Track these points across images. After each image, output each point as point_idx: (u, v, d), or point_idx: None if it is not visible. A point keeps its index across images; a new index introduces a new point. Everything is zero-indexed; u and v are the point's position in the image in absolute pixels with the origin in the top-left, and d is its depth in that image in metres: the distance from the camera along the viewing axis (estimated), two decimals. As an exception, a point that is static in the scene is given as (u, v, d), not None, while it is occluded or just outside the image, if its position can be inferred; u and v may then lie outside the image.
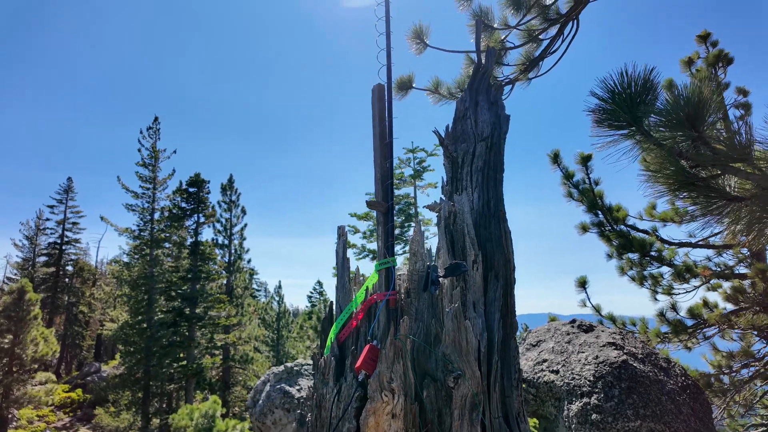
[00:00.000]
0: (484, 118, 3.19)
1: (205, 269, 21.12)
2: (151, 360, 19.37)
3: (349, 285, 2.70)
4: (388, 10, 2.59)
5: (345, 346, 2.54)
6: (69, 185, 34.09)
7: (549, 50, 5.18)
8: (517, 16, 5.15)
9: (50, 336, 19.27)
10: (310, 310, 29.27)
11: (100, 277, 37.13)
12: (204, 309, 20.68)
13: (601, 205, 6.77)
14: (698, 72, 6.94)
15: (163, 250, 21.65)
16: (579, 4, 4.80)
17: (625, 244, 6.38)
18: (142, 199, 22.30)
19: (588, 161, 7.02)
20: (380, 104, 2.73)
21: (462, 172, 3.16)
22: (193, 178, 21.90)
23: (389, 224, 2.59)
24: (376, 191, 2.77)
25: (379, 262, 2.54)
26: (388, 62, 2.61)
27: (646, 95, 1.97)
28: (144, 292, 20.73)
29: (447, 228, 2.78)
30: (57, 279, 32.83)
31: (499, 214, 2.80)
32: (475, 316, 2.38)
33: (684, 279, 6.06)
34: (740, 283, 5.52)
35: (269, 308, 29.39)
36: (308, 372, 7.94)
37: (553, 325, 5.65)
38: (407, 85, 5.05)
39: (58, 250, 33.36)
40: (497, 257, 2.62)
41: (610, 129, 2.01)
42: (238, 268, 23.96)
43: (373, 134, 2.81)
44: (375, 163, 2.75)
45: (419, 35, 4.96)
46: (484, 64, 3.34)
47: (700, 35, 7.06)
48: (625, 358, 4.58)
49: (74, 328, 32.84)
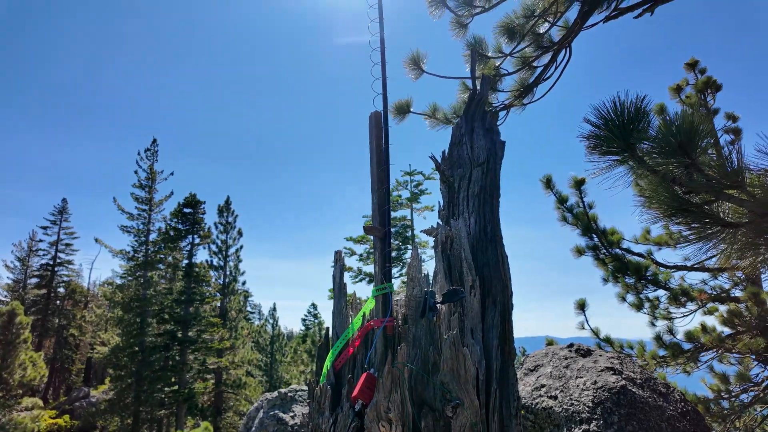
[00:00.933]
0: (480, 144, 3.23)
1: (199, 291, 20.91)
2: (142, 384, 18.97)
3: (345, 311, 2.68)
4: (383, 39, 2.65)
5: (341, 374, 2.51)
6: (63, 206, 33.95)
7: (543, 77, 5.28)
8: (511, 44, 5.26)
9: (39, 360, 18.86)
10: (305, 333, 28.88)
11: (92, 299, 36.63)
12: (197, 332, 20.39)
13: (596, 228, 6.80)
14: (688, 98, 7.09)
15: (157, 272, 21.46)
16: (571, 32, 4.92)
17: (620, 267, 6.39)
18: (137, 220, 22.22)
19: (581, 185, 7.09)
20: (377, 131, 2.77)
21: (458, 197, 3.19)
22: (188, 198, 21.88)
23: (386, 250, 2.59)
24: (373, 216, 2.78)
25: (376, 287, 2.53)
26: (384, 91, 2.65)
27: (638, 122, 2.01)
28: (136, 314, 20.44)
29: (444, 253, 2.78)
30: (48, 301, 32.34)
31: (495, 239, 2.81)
32: (473, 342, 2.36)
33: (680, 303, 6.06)
34: (736, 306, 5.52)
35: (263, 331, 28.98)
36: (302, 398, 7.79)
37: (550, 350, 5.60)
38: (405, 109, 5.12)
39: (50, 272, 32.96)
40: (495, 282, 2.62)
41: (604, 155, 2.04)
42: (232, 290, 23.73)
43: (370, 160, 2.83)
44: (372, 188, 2.77)
45: (416, 61, 5.06)
46: (479, 92, 3.40)
47: (689, 63, 7.23)
48: (624, 383, 4.54)
49: (64, 351, 32.20)
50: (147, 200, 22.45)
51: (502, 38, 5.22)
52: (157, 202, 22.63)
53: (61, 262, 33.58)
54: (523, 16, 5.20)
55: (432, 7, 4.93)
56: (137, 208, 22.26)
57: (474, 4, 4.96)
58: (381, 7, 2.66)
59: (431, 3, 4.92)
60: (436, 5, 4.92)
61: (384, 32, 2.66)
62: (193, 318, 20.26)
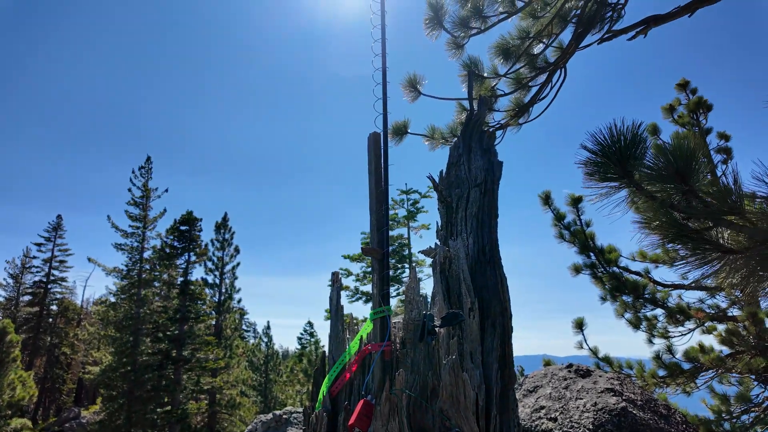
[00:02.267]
0: (477, 164, 3.24)
1: (194, 309, 20.66)
2: (134, 405, 18.59)
3: (342, 334, 2.64)
4: (385, 62, 2.67)
5: (338, 400, 2.46)
6: (58, 223, 33.73)
7: (538, 97, 5.33)
8: (507, 65, 5.33)
9: (29, 379, 18.50)
10: (300, 352, 28.52)
11: (86, 317, 36.14)
12: (191, 351, 20.08)
13: (593, 246, 6.80)
14: (680, 117, 7.17)
15: (151, 290, 21.23)
16: (566, 53, 4.99)
17: (618, 286, 6.37)
18: (131, 238, 22.05)
19: (578, 203, 7.11)
20: (376, 152, 2.77)
21: (456, 217, 3.18)
22: (185, 216, 21.79)
23: (384, 272, 2.56)
24: (372, 237, 2.76)
25: (374, 310, 2.50)
26: (384, 112, 2.67)
27: (635, 149, 2.02)
28: (130, 333, 20.15)
29: (442, 273, 2.76)
30: (40, 319, 31.87)
31: (494, 260, 2.79)
32: (473, 367, 2.32)
33: (678, 321, 6.03)
34: (734, 325, 5.50)
35: (257, 350, 28.59)
36: (298, 420, 7.65)
37: (549, 370, 5.54)
38: (402, 130, 5.15)
39: (43, 289, 32.56)
40: (494, 305, 2.60)
41: (602, 181, 2.05)
42: (228, 308, 23.48)
43: (369, 181, 2.83)
44: (371, 209, 2.76)
45: (413, 84, 5.10)
46: (476, 113, 3.42)
47: (680, 83, 7.34)
48: (625, 404, 4.48)
49: (55, 370, 31.62)
50: (141, 218, 22.32)
51: (497, 59, 5.29)
52: (152, 220, 22.50)
53: (55, 279, 33.21)
54: (518, 38, 5.28)
55: (429, 28, 5.01)
56: (131, 226, 22.11)
57: (470, 25, 5.03)
58: (384, 32, 2.69)
59: (428, 24, 4.99)
60: (432, 26, 4.99)
61: (386, 57, 2.68)
62: (187, 336, 19.98)
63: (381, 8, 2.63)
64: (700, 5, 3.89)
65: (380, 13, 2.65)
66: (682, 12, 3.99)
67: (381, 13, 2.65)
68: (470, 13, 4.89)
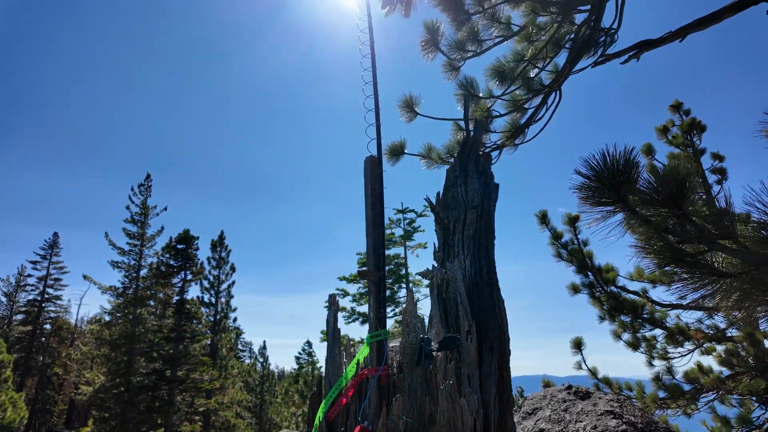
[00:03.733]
0: (474, 186, 3.26)
1: (189, 329, 20.44)
2: (127, 426, 18.22)
3: (339, 358, 2.62)
4: (376, 91, 2.71)
5: (334, 425, 2.42)
6: (54, 240, 33.53)
7: (534, 118, 5.39)
8: (502, 87, 5.40)
9: (19, 401, 18.14)
10: (297, 373, 28.09)
11: (79, 336, 35.67)
12: (186, 371, 19.78)
13: (591, 266, 6.80)
14: (674, 138, 7.26)
15: (147, 309, 21.02)
16: (560, 76, 5.07)
17: (616, 306, 6.35)
18: (128, 256, 21.92)
19: (575, 222, 7.12)
20: (372, 175, 2.79)
21: (454, 239, 3.19)
22: (182, 234, 21.72)
23: (381, 295, 2.56)
24: (368, 259, 2.76)
25: (370, 334, 2.48)
26: (378, 137, 2.70)
27: (628, 174, 2.04)
28: (124, 352, 19.87)
29: (440, 296, 2.75)
30: (33, 338, 31.42)
31: (491, 282, 2.79)
32: (471, 392, 2.30)
33: (677, 342, 5.99)
34: (733, 346, 5.47)
35: (253, 370, 28.19)
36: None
37: (548, 392, 5.48)
38: (399, 151, 5.18)
39: (37, 308, 32.18)
40: (491, 328, 2.58)
41: (597, 206, 2.07)
42: (223, 327, 23.25)
43: (365, 204, 2.84)
44: (367, 232, 2.77)
45: (410, 105, 5.16)
46: (472, 136, 3.46)
47: (673, 105, 7.45)
48: (625, 428, 4.42)
49: (46, 391, 31.06)
50: (139, 235, 22.23)
51: (493, 81, 5.36)
52: (149, 237, 22.41)
53: (49, 297, 32.86)
54: (513, 61, 5.37)
55: (425, 50, 5.08)
56: (129, 244, 22.00)
57: (466, 48, 5.12)
58: (374, 62, 2.74)
59: (424, 47, 5.07)
60: (429, 48, 5.07)
61: (377, 84, 2.72)
62: (182, 356, 19.71)
63: (370, 38, 2.68)
64: (691, 30, 3.97)
65: (369, 44, 2.71)
66: (673, 37, 4.07)
67: (370, 43, 2.70)
68: (466, 37, 4.98)
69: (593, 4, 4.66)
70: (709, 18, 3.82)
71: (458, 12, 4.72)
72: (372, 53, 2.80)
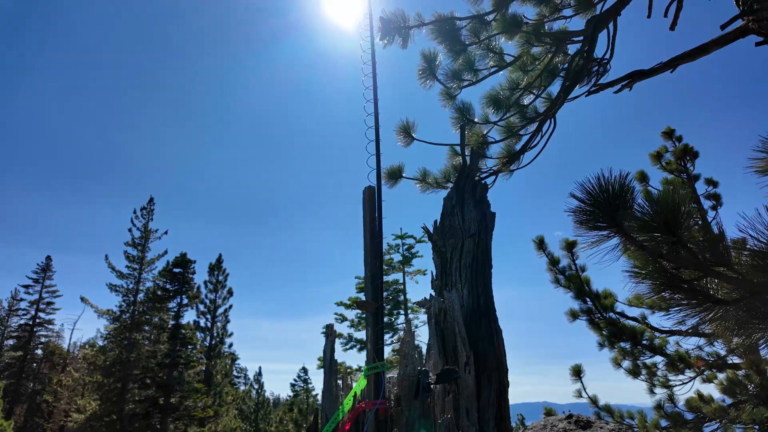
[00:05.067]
0: (471, 215, 3.28)
1: (184, 354, 20.10)
2: (118, 457, 17.72)
3: (336, 390, 2.58)
4: (377, 119, 2.76)
5: (331, 459, 2.37)
6: (47, 264, 33.22)
7: (529, 145, 5.46)
8: (498, 114, 5.49)
9: (9, 429, 17.69)
10: (292, 401, 27.50)
11: (71, 361, 34.98)
12: (179, 398, 19.36)
13: (589, 291, 6.77)
14: (668, 164, 7.34)
15: (142, 334, 20.71)
16: (555, 104, 5.16)
17: (615, 332, 6.30)
18: (127, 279, 21.72)
19: (573, 247, 7.13)
20: (371, 205, 2.81)
21: (451, 267, 3.19)
22: (179, 258, 21.59)
23: (379, 326, 2.54)
24: (366, 289, 2.75)
25: (368, 366, 2.45)
26: (378, 168, 2.73)
27: (623, 198, 2.06)
28: (117, 379, 19.48)
29: (437, 325, 2.74)
30: (24, 364, 30.78)
31: (489, 312, 2.78)
32: (469, 425, 2.26)
33: (678, 369, 5.92)
34: (734, 374, 5.40)
35: (248, 397, 27.61)
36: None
37: (549, 421, 5.38)
38: (397, 175, 5.22)
39: (28, 332, 31.65)
40: (489, 359, 2.56)
41: (592, 230, 2.07)
42: (219, 353, 22.88)
43: (364, 232, 2.85)
44: (365, 261, 2.77)
45: (407, 130, 5.23)
46: (469, 165, 3.50)
47: (665, 131, 7.57)
48: (627, 459, 4.33)
49: (35, 419, 30.25)
50: (139, 259, 22.08)
51: (488, 108, 5.46)
52: (149, 261, 22.26)
53: (41, 321, 32.34)
54: (508, 89, 5.48)
55: (422, 78, 5.18)
56: (128, 267, 21.83)
57: (462, 77, 5.23)
58: (375, 91, 2.80)
59: (422, 75, 5.17)
60: (426, 77, 5.17)
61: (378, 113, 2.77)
62: (176, 383, 19.33)
63: (372, 71, 2.74)
64: (681, 62, 4.08)
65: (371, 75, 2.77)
66: (665, 67, 4.17)
67: (372, 75, 2.76)
68: (462, 67, 5.09)
69: (586, 36, 4.78)
70: (698, 50, 3.92)
71: (455, 43, 4.84)
72: (374, 84, 2.86)
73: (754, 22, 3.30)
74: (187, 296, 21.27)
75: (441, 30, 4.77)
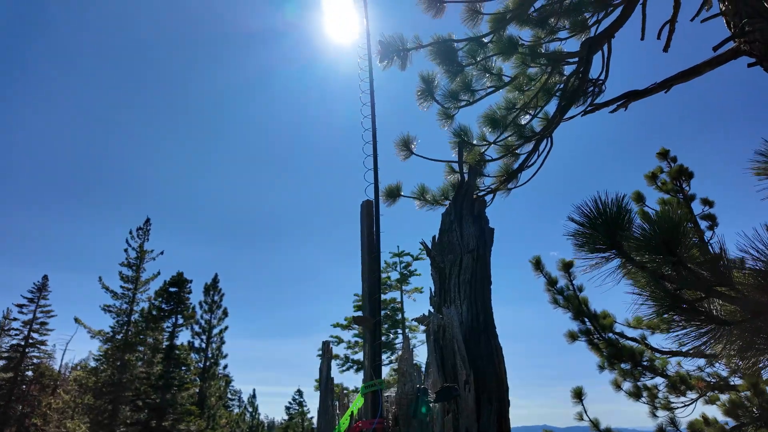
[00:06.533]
0: (469, 231, 3.27)
1: (177, 376, 19.73)
2: (106, 483, 17.21)
3: (332, 410, 2.52)
4: (375, 136, 2.77)
5: (327, 482, 2.30)
6: (44, 283, 32.79)
7: (526, 164, 5.50)
8: (495, 133, 5.55)
9: (-6, 455, 17.19)
10: (287, 424, 26.91)
11: (62, 383, 34.26)
12: (172, 422, 18.93)
13: (587, 312, 6.72)
14: (664, 185, 7.38)
15: (136, 354, 20.37)
16: (551, 124, 5.22)
17: (615, 353, 6.23)
18: (121, 299, 21.48)
19: (570, 268, 7.10)
20: (368, 220, 2.80)
21: (450, 284, 3.16)
22: (175, 277, 21.42)
23: (376, 342, 2.50)
24: (363, 305, 2.72)
25: (365, 384, 2.40)
26: (375, 183, 2.73)
27: (622, 219, 2.06)
28: (109, 401, 19.07)
29: (436, 342, 2.70)
30: (13, 386, 30.11)
31: (489, 329, 2.74)
32: (469, 446, 2.21)
33: (680, 391, 5.84)
34: (737, 396, 5.33)
35: (241, 421, 27.02)
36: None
37: (550, 445, 5.27)
38: (395, 193, 5.23)
39: (20, 353, 31.04)
40: (489, 377, 2.51)
41: (592, 252, 2.07)
42: (213, 374, 22.49)
43: (361, 247, 2.83)
44: (362, 277, 2.74)
45: (406, 144, 5.26)
46: (467, 181, 3.51)
47: (660, 152, 7.63)
48: (631, 484, 4.23)
49: (23, 443, 29.43)
50: (133, 279, 21.88)
51: (486, 128, 5.51)
52: (143, 282, 22.06)
53: (34, 342, 31.74)
54: (505, 108, 5.55)
55: (421, 99, 5.24)
56: (122, 287, 21.62)
57: (459, 98, 5.29)
58: (373, 105, 2.82)
59: (420, 96, 5.23)
60: (424, 98, 5.23)
61: (376, 130, 2.79)
62: (169, 405, 18.93)
63: (370, 88, 2.77)
64: (675, 82, 4.14)
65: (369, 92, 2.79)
66: (659, 88, 4.23)
67: (370, 92, 2.79)
68: (459, 87, 5.16)
69: (581, 57, 4.87)
70: (691, 71, 3.99)
71: (452, 64, 4.92)
72: (372, 102, 2.89)
73: (745, 43, 3.37)
74: (182, 316, 21.02)
75: (439, 51, 4.85)
